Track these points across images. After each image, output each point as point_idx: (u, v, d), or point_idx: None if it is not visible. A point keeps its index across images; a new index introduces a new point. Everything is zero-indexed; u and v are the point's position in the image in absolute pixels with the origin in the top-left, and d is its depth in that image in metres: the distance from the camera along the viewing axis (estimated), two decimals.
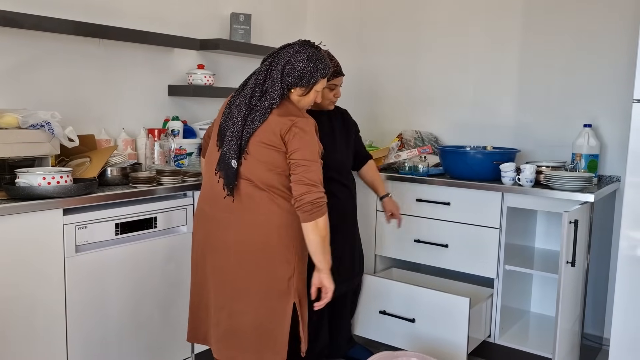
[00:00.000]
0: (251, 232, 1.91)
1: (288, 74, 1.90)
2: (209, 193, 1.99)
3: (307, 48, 1.95)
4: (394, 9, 3.47)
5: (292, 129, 1.86)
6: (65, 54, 2.53)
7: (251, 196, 1.90)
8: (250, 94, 1.92)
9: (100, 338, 2.19)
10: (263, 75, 1.92)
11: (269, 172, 1.89)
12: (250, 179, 1.90)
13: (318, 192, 1.84)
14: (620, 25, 2.77)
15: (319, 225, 1.85)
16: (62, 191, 2.01)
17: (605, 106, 2.85)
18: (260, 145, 1.88)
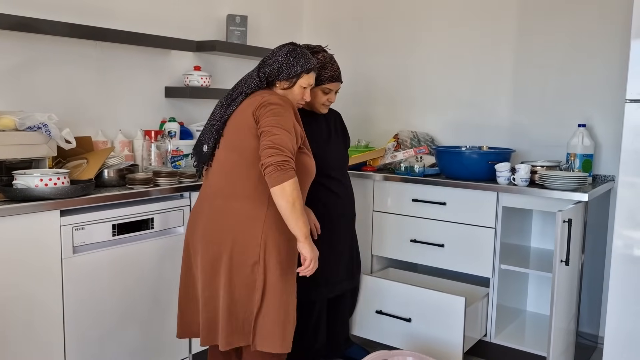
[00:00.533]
0: (220, 217, 1.96)
1: (267, 64, 1.99)
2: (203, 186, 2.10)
3: (288, 45, 2.03)
4: (389, 10, 3.48)
5: (262, 104, 1.89)
6: (62, 56, 2.54)
7: (220, 180, 1.97)
8: (232, 91, 2.04)
9: (98, 338, 2.20)
10: (248, 74, 2.04)
11: (241, 157, 1.93)
12: (221, 163, 1.96)
13: (283, 155, 1.81)
14: (613, 26, 2.79)
15: (286, 190, 1.79)
16: (59, 192, 2.02)
17: (600, 106, 2.87)
18: (233, 128, 1.94)
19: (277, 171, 1.78)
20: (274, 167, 1.79)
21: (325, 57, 2.31)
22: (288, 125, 1.86)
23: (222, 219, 1.95)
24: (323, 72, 2.29)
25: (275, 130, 1.83)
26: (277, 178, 1.79)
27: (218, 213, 1.96)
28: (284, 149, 1.81)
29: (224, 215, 1.94)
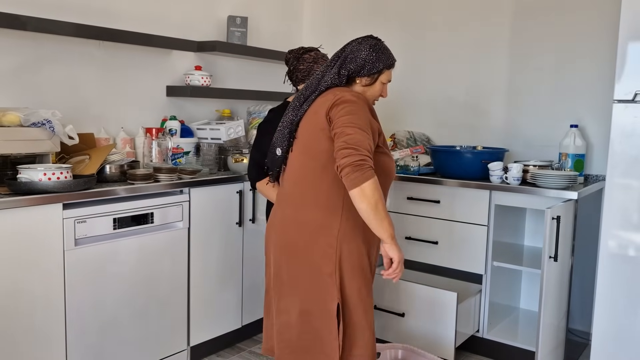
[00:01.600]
0: (292, 225, 1.84)
1: (349, 61, 1.85)
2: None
3: (369, 39, 1.91)
4: (387, 12, 3.55)
5: (335, 103, 1.75)
6: (66, 55, 2.61)
7: (293, 186, 1.85)
8: (305, 89, 1.89)
9: (98, 329, 2.26)
10: (322, 71, 1.89)
11: (313, 160, 1.79)
12: (295, 167, 1.84)
13: (359, 154, 1.65)
14: (604, 28, 2.85)
15: (366, 191, 1.64)
16: (61, 186, 2.09)
17: (591, 107, 2.92)
18: (306, 130, 1.82)
19: (355, 172, 1.64)
20: (350, 168, 1.64)
21: (317, 54, 2.38)
22: (363, 124, 1.72)
23: (294, 230, 1.83)
24: (315, 67, 2.36)
25: (349, 129, 1.69)
26: (355, 179, 1.64)
27: (289, 223, 1.84)
28: (360, 148, 1.66)
29: (296, 226, 1.82)
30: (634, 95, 2.24)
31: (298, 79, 2.42)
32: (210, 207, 2.67)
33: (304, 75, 2.40)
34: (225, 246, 2.76)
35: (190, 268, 2.60)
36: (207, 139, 2.99)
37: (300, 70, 2.39)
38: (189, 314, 2.62)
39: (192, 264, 2.61)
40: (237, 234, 2.82)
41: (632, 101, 2.24)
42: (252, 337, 3.02)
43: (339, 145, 1.69)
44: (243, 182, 2.81)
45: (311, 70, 2.37)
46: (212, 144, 2.99)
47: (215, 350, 2.82)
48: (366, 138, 1.70)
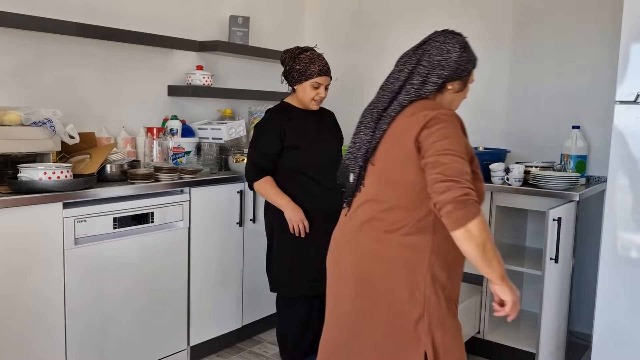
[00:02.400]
0: (369, 260, 1.60)
1: (441, 66, 1.60)
2: (342, 212, 1.76)
3: (455, 36, 1.65)
4: (389, 12, 3.54)
5: (426, 126, 1.49)
6: (68, 54, 2.61)
7: (371, 217, 1.60)
8: (377, 102, 1.65)
9: (98, 328, 2.26)
10: (405, 75, 1.63)
11: (396, 194, 1.55)
12: (372, 197, 1.60)
13: (460, 187, 1.39)
14: (607, 29, 2.83)
15: (473, 232, 1.38)
16: (62, 185, 2.09)
17: (594, 109, 2.91)
18: (387, 157, 1.57)
19: (458, 210, 1.38)
20: (452, 205, 1.38)
21: (313, 54, 2.39)
22: (460, 149, 1.46)
23: (371, 265, 1.60)
24: (311, 67, 2.37)
25: (445, 158, 1.43)
26: (459, 219, 1.38)
27: (366, 257, 1.60)
28: (460, 179, 1.41)
29: (374, 262, 1.59)
30: (636, 97, 2.23)
31: (294, 79, 2.42)
32: (210, 207, 2.67)
33: (300, 76, 2.40)
34: (225, 246, 2.76)
35: (191, 268, 2.60)
36: (208, 138, 2.99)
37: (297, 70, 2.39)
38: (189, 314, 2.62)
39: (193, 263, 2.61)
40: (237, 234, 2.81)
41: (634, 102, 2.23)
42: (252, 337, 3.02)
43: (434, 178, 1.43)
44: (244, 182, 2.81)
45: (307, 71, 2.37)
46: (213, 144, 2.99)
47: (215, 350, 2.82)
48: (465, 166, 1.44)
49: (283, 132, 2.41)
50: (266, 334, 3.07)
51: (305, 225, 2.40)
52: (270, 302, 2.87)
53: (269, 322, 3.05)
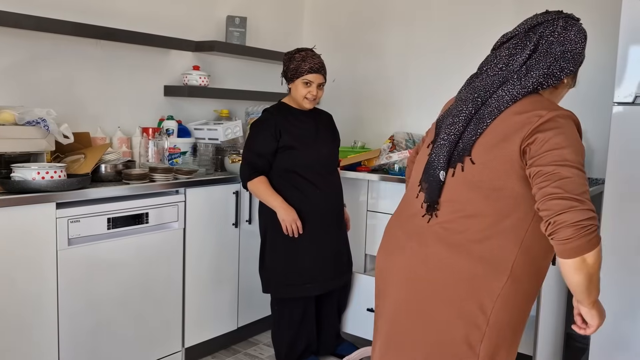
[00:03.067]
0: (432, 267, 1.39)
1: (566, 58, 1.39)
2: (404, 207, 1.52)
3: (575, 22, 1.45)
4: (387, 14, 3.53)
5: (537, 129, 1.28)
6: (63, 53, 2.60)
7: (447, 220, 1.38)
8: (485, 84, 1.41)
9: (91, 330, 2.24)
10: (519, 63, 1.40)
11: (485, 197, 1.33)
12: (453, 199, 1.38)
13: (585, 210, 1.18)
14: (604, 30, 2.82)
15: (588, 262, 1.20)
16: (55, 185, 2.07)
17: (592, 111, 2.90)
18: (482, 159, 1.34)
19: (579, 238, 1.17)
20: (573, 230, 1.17)
21: (307, 53, 2.40)
22: (580, 160, 1.24)
23: (435, 273, 1.39)
24: (303, 65, 2.37)
25: (564, 170, 1.21)
26: (578, 248, 1.18)
27: (429, 263, 1.39)
28: (583, 199, 1.19)
29: (440, 271, 1.38)
30: (634, 98, 2.22)
31: (288, 78, 2.43)
32: (206, 208, 2.65)
33: (292, 74, 2.41)
34: (221, 247, 2.74)
35: (186, 269, 2.59)
36: (204, 139, 2.98)
37: (291, 69, 2.41)
38: (184, 315, 2.61)
39: (188, 264, 2.59)
40: (233, 235, 2.80)
41: (632, 104, 2.22)
42: (248, 339, 3.00)
43: (551, 193, 1.20)
44: (240, 183, 2.79)
45: (299, 68, 2.37)
46: (210, 144, 2.98)
47: (210, 351, 2.80)
48: (586, 182, 1.23)
49: (278, 132, 2.40)
50: (262, 335, 3.05)
51: (298, 225, 2.39)
52: (266, 303, 2.86)
53: (264, 323, 3.04)
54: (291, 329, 2.54)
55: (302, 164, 2.42)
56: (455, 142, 1.38)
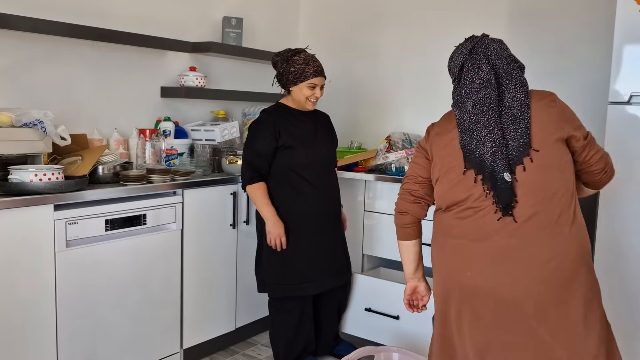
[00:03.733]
0: (550, 265, 1.50)
1: (514, 60, 1.71)
2: (473, 230, 1.59)
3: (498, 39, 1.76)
4: (383, 15, 3.54)
5: (559, 107, 1.62)
6: (59, 55, 2.59)
7: (533, 213, 1.52)
8: (487, 95, 1.60)
9: (90, 331, 2.24)
10: (489, 70, 1.63)
11: (560, 172, 1.55)
12: (531, 189, 1.53)
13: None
14: (599, 31, 2.84)
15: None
16: (53, 187, 2.07)
17: (586, 108, 2.91)
18: (542, 141, 1.55)
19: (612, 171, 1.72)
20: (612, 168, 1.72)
21: (306, 55, 2.41)
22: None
23: (554, 272, 1.51)
24: (306, 69, 2.38)
25: (590, 137, 1.66)
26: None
27: (542, 264, 1.51)
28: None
29: (558, 267, 1.51)
30: (629, 97, 2.23)
31: (289, 81, 2.43)
32: (203, 209, 2.65)
33: (295, 78, 2.40)
34: (218, 248, 2.74)
35: (184, 270, 2.59)
36: (201, 140, 2.98)
37: (292, 72, 2.40)
38: (182, 316, 2.61)
39: (185, 265, 2.59)
40: (230, 236, 2.80)
41: (628, 103, 2.24)
42: (246, 340, 3.01)
43: (604, 153, 1.70)
44: (237, 184, 2.79)
45: (303, 72, 2.38)
46: (207, 146, 2.98)
47: (208, 352, 2.80)
48: None
49: (278, 132, 2.42)
50: (260, 336, 3.05)
51: (282, 242, 2.44)
52: (263, 304, 2.86)
53: (262, 324, 3.04)
54: (289, 329, 2.54)
55: (301, 164, 2.43)
56: (504, 144, 1.55)
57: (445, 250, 1.66)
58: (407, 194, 1.80)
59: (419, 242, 1.86)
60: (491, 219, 1.55)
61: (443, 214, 1.68)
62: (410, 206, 1.79)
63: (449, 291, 1.65)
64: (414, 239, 1.84)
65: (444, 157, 1.67)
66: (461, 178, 1.61)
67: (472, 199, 1.58)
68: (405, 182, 1.81)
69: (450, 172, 1.64)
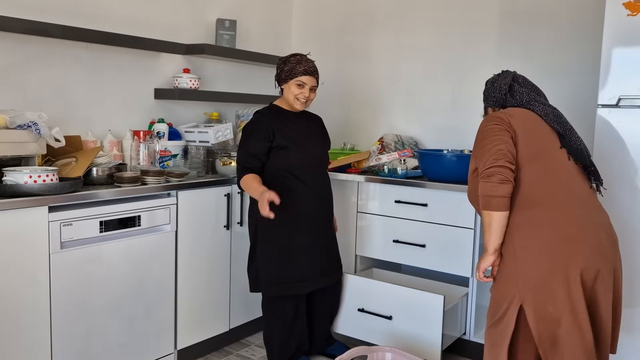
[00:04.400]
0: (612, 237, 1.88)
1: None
2: (572, 202, 1.86)
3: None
4: (375, 17, 3.57)
5: None
6: (53, 57, 2.60)
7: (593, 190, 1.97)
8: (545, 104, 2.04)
9: (84, 333, 2.25)
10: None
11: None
12: (575, 178, 1.92)
13: None
14: (587, 35, 2.88)
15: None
16: (47, 189, 2.08)
17: (576, 111, 2.95)
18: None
19: None
20: None
21: (302, 57, 2.46)
22: None
23: (614, 236, 1.88)
24: (297, 67, 2.44)
25: None
26: None
27: (611, 232, 1.87)
28: None
29: (613, 233, 1.89)
30: (618, 100, 2.27)
31: (281, 79, 2.54)
32: (198, 210, 2.66)
33: (286, 75, 2.49)
34: (212, 249, 2.76)
35: (178, 271, 2.60)
36: (195, 141, 2.99)
37: (285, 71, 2.50)
38: (176, 317, 2.62)
39: (180, 267, 2.60)
40: (224, 237, 2.81)
41: (616, 106, 2.28)
42: (240, 340, 3.02)
43: None
44: (231, 185, 2.81)
45: (293, 70, 2.44)
46: (201, 147, 2.99)
47: (202, 353, 2.81)
48: None
49: (271, 133, 2.43)
50: (254, 337, 3.07)
51: (272, 197, 2.26)
52: (257, 304, 2.88)
53: (256, 324, 3.05)
54: (283, 329, 2.56)
55: (295, 164, 2.45)
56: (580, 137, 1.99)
57: None
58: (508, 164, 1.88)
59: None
60: (583, 195, 1.97)
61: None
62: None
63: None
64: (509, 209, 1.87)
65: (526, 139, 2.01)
66: (559, 159, 1.99)
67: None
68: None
69: (548, 153, 1.99)
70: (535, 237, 1.80)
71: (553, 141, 1.92)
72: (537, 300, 1.78)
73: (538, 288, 1.77)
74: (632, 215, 2.29)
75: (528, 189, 1.84)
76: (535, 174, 1.85)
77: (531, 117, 1.96)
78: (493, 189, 1.79)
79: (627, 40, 2.25)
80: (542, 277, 1.77)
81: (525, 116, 1.95)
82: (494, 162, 1.80)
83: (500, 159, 1.80)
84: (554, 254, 1.77)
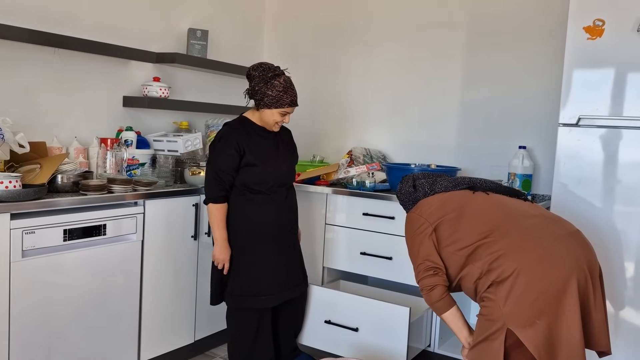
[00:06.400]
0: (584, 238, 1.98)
1: None
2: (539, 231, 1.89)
3: None
4: (345, 32, 3.62)
5: None
6: (20, 61, 2.55)
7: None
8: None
9: (44, 344, 2.19)
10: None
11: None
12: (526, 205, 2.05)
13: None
14: (552, 54, 2.99)
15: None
16: (9, 196, 2.03)
17: (539, 130, 3.06)
18: None
19: None
20: None
21: (286, 81, 2.42)
22: None
23: (583, 237, 1.95)
24: (284, 97, 2.39)
25: None
26: None
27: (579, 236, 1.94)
28: None
29: (581, 234, 1.96)
30: (578, 120, 2.36)
31: (264, 103, 2.41)
32: (165, 220, 2.64)
33: (271, 102, 2.40)
34: (179, 259, 2.73)
35: (143, 281, 2.56)
36: (164, 150, 2.96)
37: (269, 95, 2.39)
38: (140, 329, 2.57)
39: (145, 277, 2.57)
40: (192, 248, 2.79)
41: (576, 125, 2.36)
42: (205, 352, 2.98)
43: None
44: (199, 195, 2.79)
45: (280, 100, 2.39)
46: (169, 156, 2.97)
47: None
48: None
49: (242, 150, 2.43)
50: (219, 349, 3.04)
51: (225, 267, 2.48)
52: (223, 316, 2.85)
53: (221, 336, 3.03)
54: (247, 341, 2.54)
55: (262, 181, 2.45)
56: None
57: None
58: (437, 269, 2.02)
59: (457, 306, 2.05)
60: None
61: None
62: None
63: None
64: (454, 305, 2.02)
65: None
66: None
67: None
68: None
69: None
70: (513, 285, 1.80)
71: (467, 196, 2.04)
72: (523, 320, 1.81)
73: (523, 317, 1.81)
74: (589, 229, 2.37)
75: (483, 250, 1.88)
76: (475, 233, 1.92)
77: (440, 198, 2.08)
78: (429, 300, 2.00)
79: (587, 63, 2.35)
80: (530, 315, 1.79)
81: (433, 201, 2.08)
82: (418, 274, 2.02)
83: (421, 272, 2.00)
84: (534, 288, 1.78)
